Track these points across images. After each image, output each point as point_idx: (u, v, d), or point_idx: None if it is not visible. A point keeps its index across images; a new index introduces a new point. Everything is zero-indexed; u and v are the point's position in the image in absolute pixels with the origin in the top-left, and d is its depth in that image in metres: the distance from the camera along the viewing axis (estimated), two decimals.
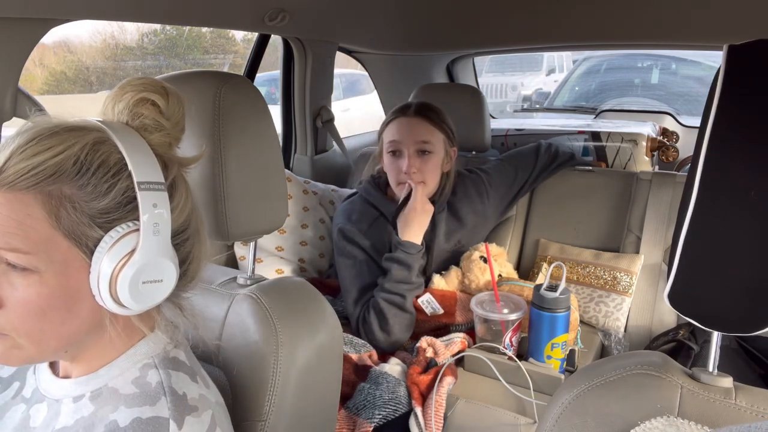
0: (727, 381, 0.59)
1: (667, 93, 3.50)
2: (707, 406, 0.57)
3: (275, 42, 1.92)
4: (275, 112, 2.00)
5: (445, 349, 1.23)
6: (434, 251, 1.43)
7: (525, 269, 1.69)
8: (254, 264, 0.87)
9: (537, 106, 4.60)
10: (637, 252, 1.53)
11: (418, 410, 1.06)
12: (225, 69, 2.24)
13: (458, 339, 1.26)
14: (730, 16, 1.44)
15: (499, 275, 1.38)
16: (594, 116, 2.77)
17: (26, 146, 0.50)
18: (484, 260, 1.37)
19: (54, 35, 1.55)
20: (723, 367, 0.60)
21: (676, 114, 2.69)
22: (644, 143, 1.89)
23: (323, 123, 2.01)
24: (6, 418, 0.62)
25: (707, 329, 0.60)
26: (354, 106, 5.45)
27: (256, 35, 1.78)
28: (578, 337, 1.35)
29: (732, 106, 0.57)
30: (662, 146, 1.93)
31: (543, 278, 1.38)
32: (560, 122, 2.34)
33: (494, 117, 2.80)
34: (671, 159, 1.93)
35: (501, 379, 1.17)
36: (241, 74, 1.41)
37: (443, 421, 1.06)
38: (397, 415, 1.06)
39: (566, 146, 1.84)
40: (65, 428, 0.57)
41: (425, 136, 1.37)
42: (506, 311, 1.21)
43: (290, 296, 0.80)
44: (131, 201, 0.52)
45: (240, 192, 0.75)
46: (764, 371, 1.19)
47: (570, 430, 0.61)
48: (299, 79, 1.93)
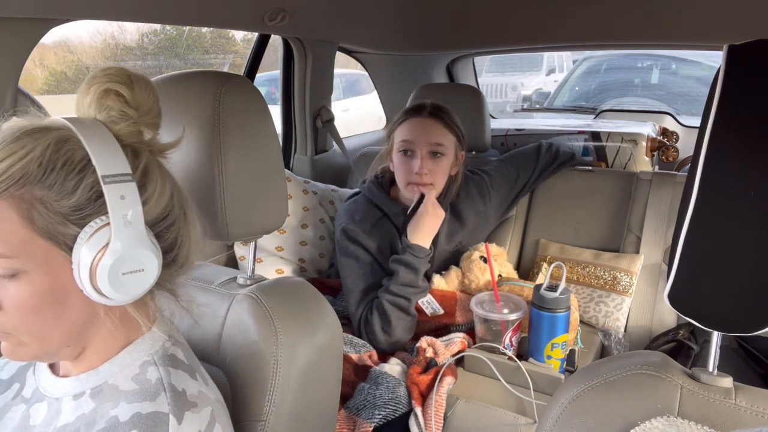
0: (727, 381, 0.59)
1: (667, 93, 3.50)
2: (707, 406, 0.57)
3: (275, 42, 1.92)
4: (275, 112, 2.00)
5: (445, 349, 1.23)
6: (435, 252, 1.43)
7: (525, 269, 1.69)
8: (254, 264, 0.87)
9: (537, 106, 4.60)
10: (637, 252, 1.53)
11: (418, 410, 1.06)
12: (225, 69, 2.23)
13: (458, 339, 1.26)
14: (730, 16, 1.44)
15: (499, 275, 1.38)
16: (594, 116, 2.76)
17: None
18: (484, 260, 1.37)
19: (54, 35, 1.55)
20: (723, 367, 0.60)
21: (676, 114, 2.68)
22: (644, 143, 1.89)
23: (323, 123, 2.01)
24: (6, 419, 0.63)
25: (707, 329, 0.60)
26: (354, 106, 5.45)
27: (256, 35, 1.78)
28: (578, 337, 1.35)
29: (732, 106, 0.57)
30: (662, 146, 1.93)
31: (543, 278, 1.38)
32: (560, 122, 2.33)
33: (494, 117, 2.80)
34: (671, 159, 1.93)
35: (501, 379, 1.17)
36: (241, 74, 1.41)
37: (443, 421, 1.06)
38: (397, 415, 1.05)
39: (566, 146, 1.84)
40: (66, 425, 0.57)
41: (439, 138, 1.36)
42: (506, 311, 1.21)
43: (290, 296, 0.80)
44: (101, 195, 0.52)
45: (240, 192, 0.75)
46: (764, 371, 1.19)
47: (570, 430, 0.61)
48: (299, 79, 1.93)
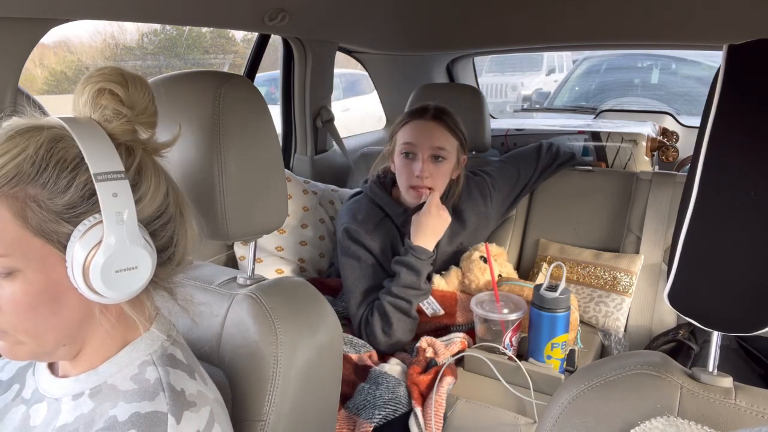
0: (727, 381, 0.59)
1: (667, 93, 3.50)
2: (707, 406, 0.57)
3: (275, 42, 1.92)
4: (275, 112, 2.00)
5: (445, 349, 1.23)
6: (437, 254, 1.42)
7: (525, 269, 1.69)
8: (254, 264, 0.87)
9: (537, 106, 4.60)
10: (637, 252, 1.53)
11: (418, 410, 1.06)
12: (225, 69, 2.24)
13: (458, 339, 1.26)
14: (730, 16, 1.44)
15: (499, 275, 1.38)
16: (594, 116, 2.76)
17: None
18: (484, 260, 1.37)
19: (54, 35, 1.55)
20: (723, 367, 0.60)
21: (676, 114, 2.68)
22: (644, 143, 1.89)
23: (323, 123, 2.01)
24: (6, 420, 0.63)
25: (707, 329, 0.60)
26: (354, 106, 5.45)
27: (256, 35, 1.78)
28: (578, 337, 1.35)
29: (732, 106, 0.56)
30: (662, 146, 1.92)
31: (543, 278, 1.38)
32: (560, 122, 2.33)
33: (494, 117, 2.80)
34: (671, 159, 1.93)
35: (501, 379, 1.17)
36: (241, 74, 1.41)
37: (443, 421, 1.06)
38: (397, 415, 1.05)
39: (566, 146, 1.84)
40: (65, 425, 0.57)
41: (441, 142, 1.35)
42: (506, 311, 1.21)
43: (290, 296, 0.80)
44: (95, 193, 0.52)
45: (240, 192, 0.75)
46: (764, 371, 1.19)
47: (570, 430, 0.61)
48: (299, 79, 1.93)
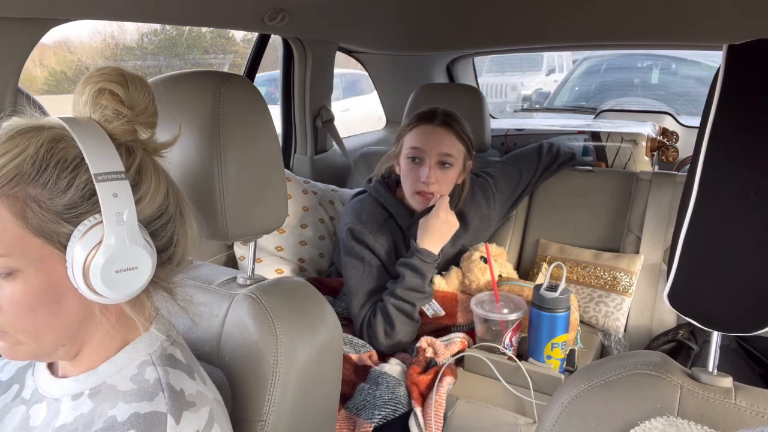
0: (727, 381, 0.59)
1: (667, 93, 3.50)
2: (707, 406, 0.57)
3: (275, 42, 1.92)
4: (275, 112, 2.00)
5: (445, 349, 1.23)
6: (440, 257, 1.42)
7: (525, 269, 1.69)
8: (254, 264, 0.87)
9: (537, 106, 4.60)
10: (637, 252, 1.53)
11: (418, 410, 1.06)
12: (225, 69, 2.23)
13: (458, 339, 1.26)
14: (730, 16, 1.44)
15: (499, 275, 1.38)
16: (594, 116, 2.76)
17: None
18: (485, 260, 1.37)
19: (54, 35, 1.55)
20: (723, 367, 0.60)
21: (676, 114, 2.68)
22: (644, 143, 1.89)
23: (323, 123, 2.01)
24: (6, 420, 0.63)
25: (707, 329, 0.60)
26: (354, 106, 5.45)
27: (256, 35, 1.78)
28: (578, 337, 1.35)
29: (732, 106, 0.57)
30: (662, 146, 1.92)
31: (543, 278, 1.38)
32: (560, 122, 2.33)
33: (494, 117, 2.80)
34: (671, 159, 1.92)
35: (501, 379, 1.17)
36: (241, 74, 1.41)
37: (443, 421, 1.06)
38: (397, 415, 1.05)
39: (566, 146, 1.84)
40: (65, 425, 0.57)
41: (449, 149, 1.35)
42: (506, 311, 1.21)
43: (290, 296, 0.80)
44: (95, 193, 0.52)
45: (239, 192, 0.75)
46: (764, 371, 1.19)
47: (570, 430, 0.61)
48: (299, 79, 1.93)
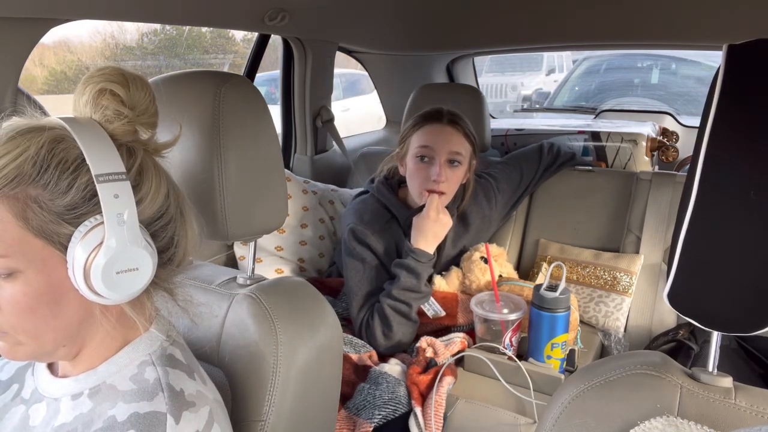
0: (727, 381, 0.59)
1: (667, 93, 3.50)
2: (707, 406, 0.57)
3: (275, 42, 1.92)
4: (275, 112, 2.00)
5: (445, 349, 1.23)
6: (441, 257, 1.42)
7: (525, 269, 1.69)
8: (254, 264, 0.87)
9: (537, 106, 4.60)
10: (637, 252, 1.53)
11: (418, 410, 1.06)
12: (225, 69, 2.24)
13: (458, 339, 1.26)
14: (730, 16, 1.44)
15: (499, 275, 1.38)
16: (594, 116, 2.76)
17: None
18: (485, 261, 1.37)
19: (54, 35, 1.55)
20: (723, 367, 0.60)
21: (676, 114, 2.68)
22: (644, 143, 1.89)
23: (323, 123, 2.01)
24: (5, 420, 0.63)
25: (707, 329, 0.60)
26: (354, 106, 5.45)
27: (256, 35, 1.78)
28: (578, 337, 1.35)
29: (732, 106, 0.57)
30: (662, 146, 1.92)
31: (543, 278, 1.38)
32: (560, 122, 2.33)
33: (494, 117, 2.80)
34: (671, 159, 1.93)
35: (501, 379, 1.17)
36: (241, 74, 1.41)
37: (443, 421, 1.06)
38: (397, 415, 1.05)
39: (567, 146, 1.84)
40: (64, 425, 0.57)
41: (458, 147, 1.35)
42: (506, 311, 1.21)
43: (290, 296, 0.80)
44: (96, 194, 0.52)
45: (240, 192, 0.75)
46: (764, 371, 1.19)
47: (570, 430, 0.61)
48: (299, 79, 1.93)
